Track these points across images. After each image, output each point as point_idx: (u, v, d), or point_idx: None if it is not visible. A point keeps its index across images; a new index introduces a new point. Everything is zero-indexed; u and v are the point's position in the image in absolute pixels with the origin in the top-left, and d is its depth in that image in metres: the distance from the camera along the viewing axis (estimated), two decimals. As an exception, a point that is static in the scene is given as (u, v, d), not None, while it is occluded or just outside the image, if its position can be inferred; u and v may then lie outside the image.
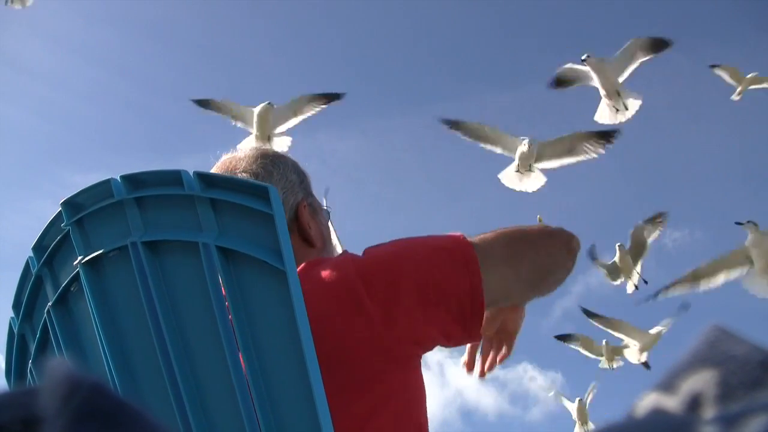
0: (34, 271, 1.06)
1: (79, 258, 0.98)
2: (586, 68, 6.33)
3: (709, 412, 0.28)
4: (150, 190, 0.94)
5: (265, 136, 6.84)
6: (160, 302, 0.92)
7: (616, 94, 6.34)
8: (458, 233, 1.10)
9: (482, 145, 6.77)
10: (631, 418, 0.30)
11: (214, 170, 1.26)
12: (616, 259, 7.47)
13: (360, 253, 1.07)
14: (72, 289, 1.02)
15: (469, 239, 1.09)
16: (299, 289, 0.84)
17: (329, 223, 1.32)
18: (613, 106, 6.38)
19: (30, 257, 1.07)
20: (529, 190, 6.74)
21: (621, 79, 6.34)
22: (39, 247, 1.05)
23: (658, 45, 6.27)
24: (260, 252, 0.86)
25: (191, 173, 0.90)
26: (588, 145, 6.41)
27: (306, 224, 1.20)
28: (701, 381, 0.29)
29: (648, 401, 0.30)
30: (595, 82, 6.35)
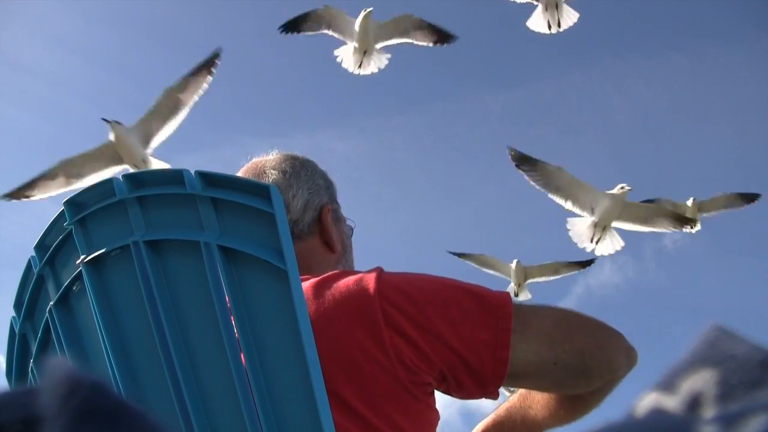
0: (35, 270, 1.06)
1: (82, 257, 0.98)
2: None
3: (709, 411, 0.28)
4: (152, 189, 0.94)
5: (365, 48, 6.32)
6: (162, 301, 0.92)
7: (554, 6, 6.06)
8: (506, 291, 1.04)
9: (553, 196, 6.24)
10: (631, 417, 0.30)
11: (242, 171, 1.26)
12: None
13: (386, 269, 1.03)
14: (74, 288, 1.02)
15: (514, 300, 1.02)
16: (300, 288, 0.84)
17: (351, 239, 1.30)
18: (548, 19, 6.11)
19: (32, 257, 1.07)
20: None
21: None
22: (41, 247, 1.06)
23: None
24: (262, 251, 0.86)
25: (192, 172, 0.90)
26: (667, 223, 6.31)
27: (328, 227, 1.20)
28: (701, 380, 0.29)
29: (648, 401, 0.30)
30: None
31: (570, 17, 6.12)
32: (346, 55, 6.50)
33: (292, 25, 6.38)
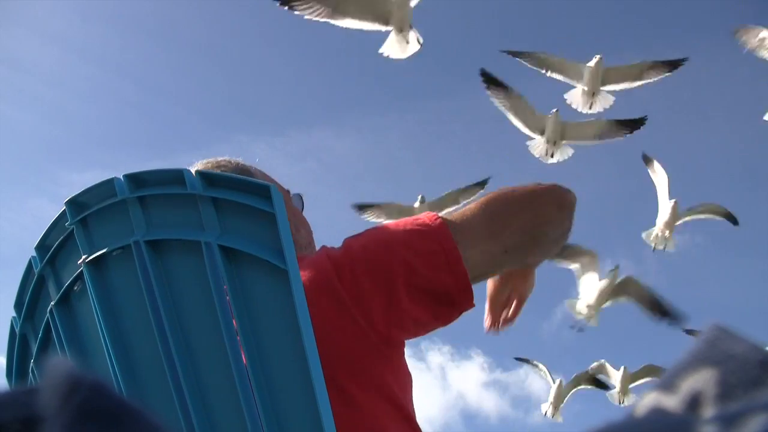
0: (36, 270, 1.06)
1: (83, 257, 0.99)
2: (581, 66, 6.38)
3: (708, 411, 0.28)
4: (153, 189, 0.94)
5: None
6: (163, 301, 0.92)
7: (591, 95, 6.55)
8: (433, 213, 1.09)
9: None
10: (631, 417, 0.30)
11: None
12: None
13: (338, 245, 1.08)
14: (75, 288, 1.02)
15: (443, 218, 1.07)
16: (301, 287, 0.84)
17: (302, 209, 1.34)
18: (588, 101, 6.57)
19: (33, 257, 1.07)
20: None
21: (606, 89, 6.46)
22: (42, 247, 1.06)
23: (667, 68, 6.46)
24: (262, 251, 0.86)
25: (193, 172, 0.90)
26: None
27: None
28: (701, 380, 0.29)
29: (648, 400, 0.30)
30: (584, 79, 6.43)
31: (606, 100, 6.63)
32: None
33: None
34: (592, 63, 6.45)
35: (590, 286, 7.40)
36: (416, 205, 7.39)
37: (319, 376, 0.83)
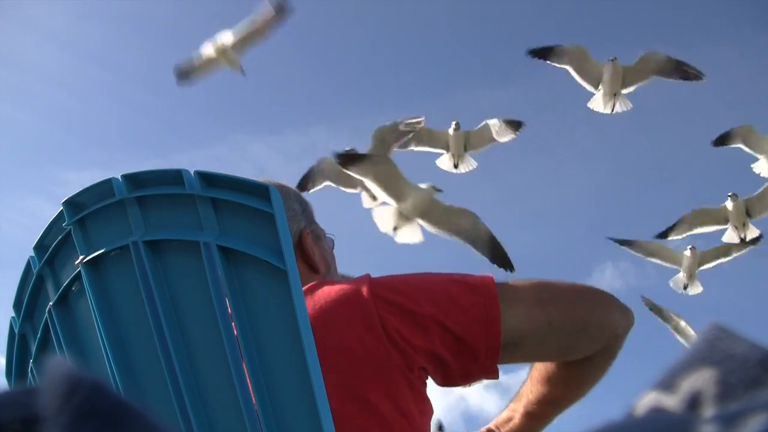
0: (35, 270, 1.06)
1: (81, 257, 0.98)
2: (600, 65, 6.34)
3: (708, 410, 0.28)
4: (151, 190, 0.94)
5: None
6: (162, 301, 0.92)
7: (614, 96, 6.49)
8: (489, 275, 1.07)
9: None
10: (631, 416, 0.30)
11: None
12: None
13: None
14: (73, 288, 1.02)
15: (496, 278, 1.05)
16: (300, 288, 0.84)
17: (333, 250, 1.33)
18: (609, 102, 6.52)
19: (31, 257, 1.07)
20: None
21: (625, 90, 6.45)
22: (40, 247, 1.06)
23: (681, 74, 6.41)
24: (261, 251, 0.86)
25: (192, 172, 0.90)
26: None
27: (309, 250, 1.22)
28: (701, 380, 0.29)
29: (647, 400, 0.30)
30: (604, 80, 6.40)
31: (626, 104, 6.58)
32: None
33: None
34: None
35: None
36: (450, 131, 7.15)
37: (318, 376, 0.83)
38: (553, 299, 1.05)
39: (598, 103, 6.58)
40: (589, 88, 6.55)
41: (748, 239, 6.67)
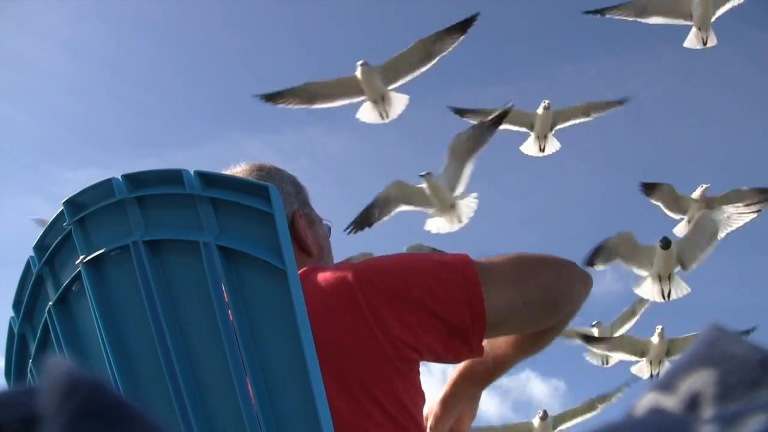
0: (35, 270, 1.06)
1: (81, 257, 0.98)
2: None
3: (707, 411, 0.28)
4: (151, 190, 0.94)
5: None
6: (161, 301, 0.92)
7: (707, 24, 6.47)
8: (463, 252, 1.10)
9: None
10: (630, 417, 0.30)
11: None
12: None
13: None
14: (73, 288, 1.02)
15: (473, 258, 1.09)
16: (300, 288, 0.84)
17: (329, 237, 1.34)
18: (700, 36, 6.51)
19: (31, 257, 1.07)
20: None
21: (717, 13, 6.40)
22: (40, 247, 1.06)
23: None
24: (261, 251, 0.86)
25: (192, 172, 0.90)
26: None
27: (302, 233, 1.22)
28: (700, 380, 0.29)
29: (647, 400, 0.30)
30: (695, 12, 6.33)
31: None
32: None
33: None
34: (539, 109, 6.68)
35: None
36: (540, 110, 7.10)
37: (317, 376, 0.83)
38: (527, 278, 1.10)
39: None
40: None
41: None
